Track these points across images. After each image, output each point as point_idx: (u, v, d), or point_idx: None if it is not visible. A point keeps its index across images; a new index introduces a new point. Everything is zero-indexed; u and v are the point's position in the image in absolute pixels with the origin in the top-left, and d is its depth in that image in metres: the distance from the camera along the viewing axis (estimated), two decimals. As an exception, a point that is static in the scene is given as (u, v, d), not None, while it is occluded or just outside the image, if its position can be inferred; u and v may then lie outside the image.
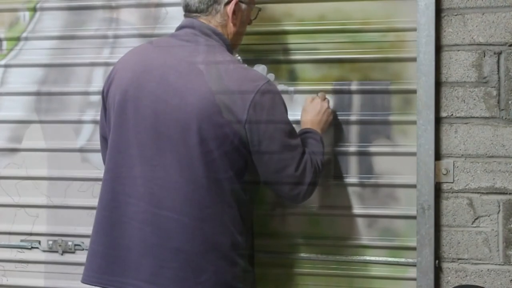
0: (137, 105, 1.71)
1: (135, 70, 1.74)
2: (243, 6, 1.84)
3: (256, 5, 1.93)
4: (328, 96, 2.08)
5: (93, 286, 1.77)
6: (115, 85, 1.77)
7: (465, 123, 2.01)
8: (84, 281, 1.76)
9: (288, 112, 2.11)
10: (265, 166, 1.71)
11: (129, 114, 1.71)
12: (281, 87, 2.11)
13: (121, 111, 1.73)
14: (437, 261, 2.02)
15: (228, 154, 1.67)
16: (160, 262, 1.66)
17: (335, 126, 2.09)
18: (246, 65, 1.98)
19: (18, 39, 2.29)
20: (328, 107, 2.02)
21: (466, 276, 2.03)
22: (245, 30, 1.91)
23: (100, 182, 1.81)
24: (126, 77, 1.74)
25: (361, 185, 2.09)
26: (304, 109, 2.00)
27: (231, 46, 1.83)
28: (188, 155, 1.65)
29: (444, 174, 2.02)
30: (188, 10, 1.81)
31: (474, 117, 2.01)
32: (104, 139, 1.89)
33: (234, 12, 1.79)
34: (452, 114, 2.02)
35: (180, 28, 1.82)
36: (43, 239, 2.31)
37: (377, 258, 2.09)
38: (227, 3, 1.79)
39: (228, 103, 1.64)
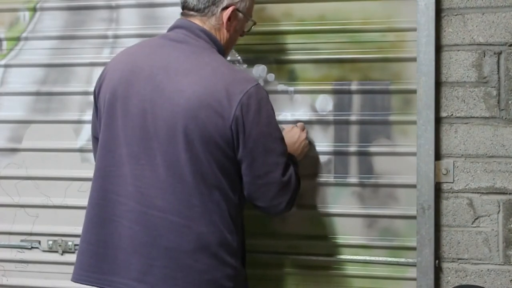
0: (125, 105, 1.71)
1: (124, 70, 1.74)
2: (240, 15, 1.82)
3: (252, 19, 1.90)
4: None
5: (84, 285, 1.77)
6: (105, 84, 1.77)
7: (465, 123, 2.01)
8: (74, 279, 1.76)
9: (288, 112, 2.11)
10: (250, 169, 1.70)
11: (118, 113, 1.72)
12: (281, 87, 2.11)
13: (110, 110, 1.73)
14: (437, 261, 2.03)
15: (214, 155, 1.66)
16: (149, 261, 1.66)
17: (335, 126, 2.09)
18: (241, 68, 1.96)
19: (18, 39, 2.29)
20: (306, 138, 2.02)
21: (466, 276, 2.03)
22: (237, 39, 1.89)
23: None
24: (116, 76, 1.75)
25: (361, 185, 2.09)
26: None
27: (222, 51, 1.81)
28: (175, 154, 1.65)
29: (444, 174, 2.02)
30: (186, 7, 1.80)
31: (474, 117, 2.01)
32: (95, 139, 1.89)
33: (229, 19, 1.78)
34: (452, 114, 2.02)
35: (172, 28, 1.81)
36: (43, 239, 2.31)
37: (377, 258, 2.09)
38: (225, 8, 1.78)
39: (215, 104, 1.63)
